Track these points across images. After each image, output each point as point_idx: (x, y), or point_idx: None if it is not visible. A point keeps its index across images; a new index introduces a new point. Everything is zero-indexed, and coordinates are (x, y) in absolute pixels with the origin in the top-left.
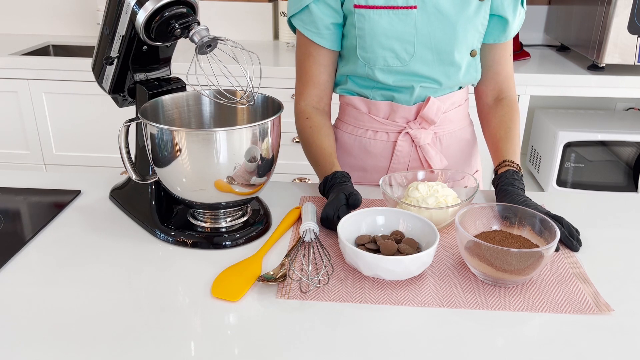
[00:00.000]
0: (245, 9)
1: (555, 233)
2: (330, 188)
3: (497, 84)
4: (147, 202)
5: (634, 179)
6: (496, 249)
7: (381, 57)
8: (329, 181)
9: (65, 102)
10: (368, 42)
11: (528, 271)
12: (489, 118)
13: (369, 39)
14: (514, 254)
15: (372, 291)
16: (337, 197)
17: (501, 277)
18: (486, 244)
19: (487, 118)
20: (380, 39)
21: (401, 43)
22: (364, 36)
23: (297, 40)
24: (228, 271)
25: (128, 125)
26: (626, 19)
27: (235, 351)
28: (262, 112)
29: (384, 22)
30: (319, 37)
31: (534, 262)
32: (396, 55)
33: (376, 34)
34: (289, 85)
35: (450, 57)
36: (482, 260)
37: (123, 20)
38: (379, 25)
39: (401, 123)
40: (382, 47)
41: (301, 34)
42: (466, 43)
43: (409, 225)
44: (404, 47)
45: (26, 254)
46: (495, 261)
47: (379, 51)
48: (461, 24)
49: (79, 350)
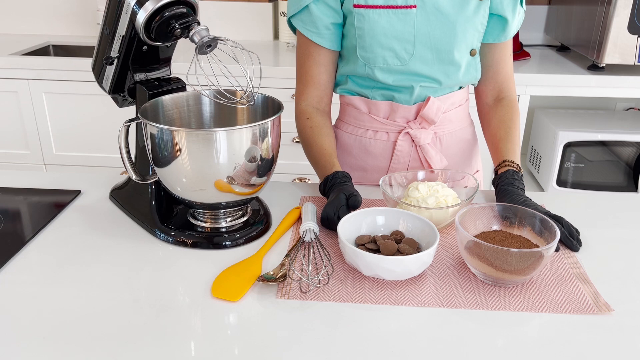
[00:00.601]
0: (245, 9)
1: (555, 233)
2: (331, 188)
3: (497, 83)
4: (147, 202)
5: (634, 179)
6: (496, 249)
7: (381, 56)
8: (329, 181)
9: (65, 102)
10: (367, 42)
11: (528, 271)
12: (489, 118)
13: (369, 39)
14: (514, 254)
15: (372, 291)
16: (338, 197)
17: (501, 277)
18: (486, 244)
19: (487, 118)
20: (379, 39)
21: (400, 42)
22: (363, 36)
23: (297, 40)
24: (228, 271)
25: (128, 125)
26: (626, 19)
27: (235, 351)
28: (262, 112)
29: (384, 21)
30: (319, 37)
31: (534, 262)
32: (396, 54)
33: (375, 33)
34: (289, 85)
35: (449, 56)
36: (482, 260)
37: (123, 20)
38: (379, 24)
39: (401, 123)
40: (382, 46)
41: (301, 34)
42: (465, 42)
43: (409, 225)
44: (404, 47)
45: (26, 254)
46: (495, 261)
47: (378, 51)
48: (460, 23)
49: (79, 350)
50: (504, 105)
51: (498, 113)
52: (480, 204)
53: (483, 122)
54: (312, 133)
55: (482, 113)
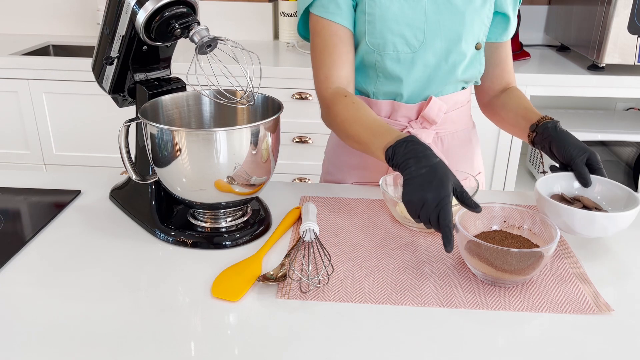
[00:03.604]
0: (246, 9)
1: (555, 233)
2: (412, 158)
3: (504, 80)
4: (147, 202)
5: (634, 179)
6: (496, 249)
7: (391, 42)
8: (403, 146)
9: (65, 102)
10: (378, 28)
11: (528, 271)
12: (503, 101)
13: (379, 25)
14: (514, 254)
15: (372, 291)
16: (443, 184)
17: (501, 277)
18: (486, 244)
19: (499, 102)
20: (390, 25)
21: (411, 29)
22: (373, 22)
23: (314, 30)
24: (228, 271)
25: (128, 125)
26: (626, 19)
27: (235, 351)
28: (262, 112)
29: (395, 7)
30: (341, 18)
31: (534, 262)
32: (406, 41)
33: (386, 19)
34: (289, 85)
35: (457, 46)
36: (482, 260)
37: (123, 20)
38: (390, 10)
39: (402, 122)
40: (392, 32)
41: (321, 21)
42: (473, 33)
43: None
44: (414, 34)
45: (26, 254)
46: (495, 261)
47: (389, 37)
48: (469, 13)
49: (79, 351)
50: (513, 90)
51: (512, 94)
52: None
53: (495, 109)
54: (358, 106)
55: (491, 104)
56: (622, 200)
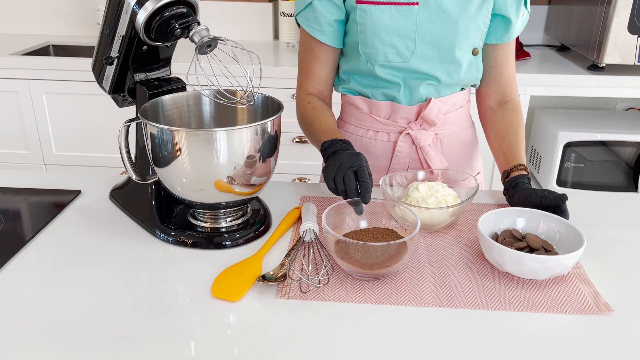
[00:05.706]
0: (246, 9)
1: (416, 225)
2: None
3: (500, 86)
4: (147, 202)
5: (634, 179)
6: (362, 245)
7: (382, 52)
8: (328, 148)
9: (65, 102)
10: (369, 38)
11: (393, 262)
12: (495, 122)
13: (370, 35)
14: (377, 247)
15: (372, 291)
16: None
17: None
18: (355, 242)
19: (492, 122)
20: (381, 35)
21: (402, 39)
22: (365, 32)
23: (300, 36)
24: (228, 271)
25: (128, 125)
26: (626, 19)
27: (235, 351)
28: (262, 112)
29: (385, 17)
30: (321, 34)
31: (397, 253)
32: (397, 51)
33: (377, 29)
34: (289, 85)
35: (451, 54)
36: (348, 258)
37: (123, 20)
38: (381, 20)
39: (402, 124)
40: (383, 42)
41: (304, 30)
42: (467, 41)
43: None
44: (405, 43)
45: (26, 254)
46: (361, 257)
47: (379, 47)
48: (463, 21)
49: (79, 350)
50: (509, 108)
51: (505, 117)
52: (478, 203)
53: (487, 126)
54: (315, 113)
55: (486, 117)
56: (577, 244)
